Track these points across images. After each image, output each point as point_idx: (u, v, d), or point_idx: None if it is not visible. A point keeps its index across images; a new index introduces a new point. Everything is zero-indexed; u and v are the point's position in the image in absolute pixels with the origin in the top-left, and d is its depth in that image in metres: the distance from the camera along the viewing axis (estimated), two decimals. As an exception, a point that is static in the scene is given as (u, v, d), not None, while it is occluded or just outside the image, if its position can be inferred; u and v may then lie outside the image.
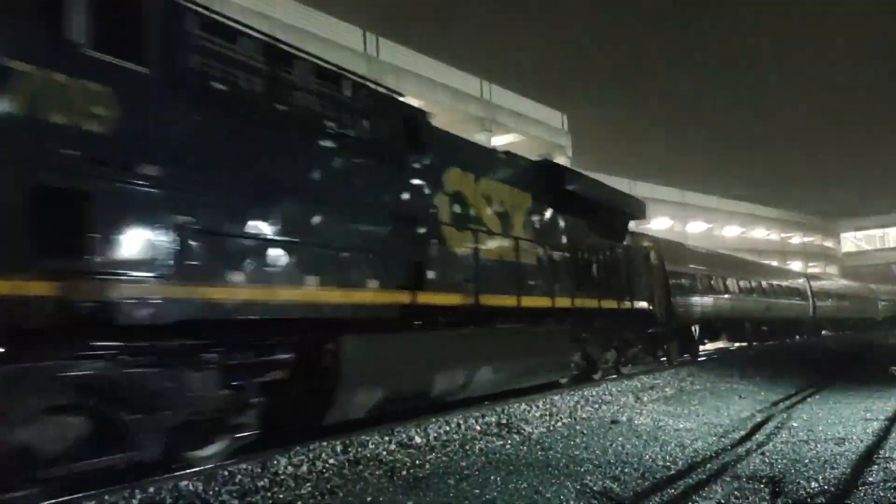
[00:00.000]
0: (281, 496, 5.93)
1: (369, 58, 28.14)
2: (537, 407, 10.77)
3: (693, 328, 22.39)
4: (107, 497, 5.71)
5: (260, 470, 6.64)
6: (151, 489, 5.89)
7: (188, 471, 6.75)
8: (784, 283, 33.89)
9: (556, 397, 11.83)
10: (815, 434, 8.44)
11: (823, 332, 40.97)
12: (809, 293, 37.14)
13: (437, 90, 31.79)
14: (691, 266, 22.88)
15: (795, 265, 64.90)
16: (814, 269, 70.08)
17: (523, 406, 10.76)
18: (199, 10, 6.90)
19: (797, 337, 35.84)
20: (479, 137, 34.38)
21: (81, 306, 5.44)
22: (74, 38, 5.76)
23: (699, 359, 22.23)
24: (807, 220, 76.12)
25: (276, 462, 6.89)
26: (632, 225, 19.05)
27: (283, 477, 6.50)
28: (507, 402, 11.45)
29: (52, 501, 5.80)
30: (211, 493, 5.93)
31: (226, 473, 6.44)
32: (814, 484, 6.03)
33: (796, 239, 73.49)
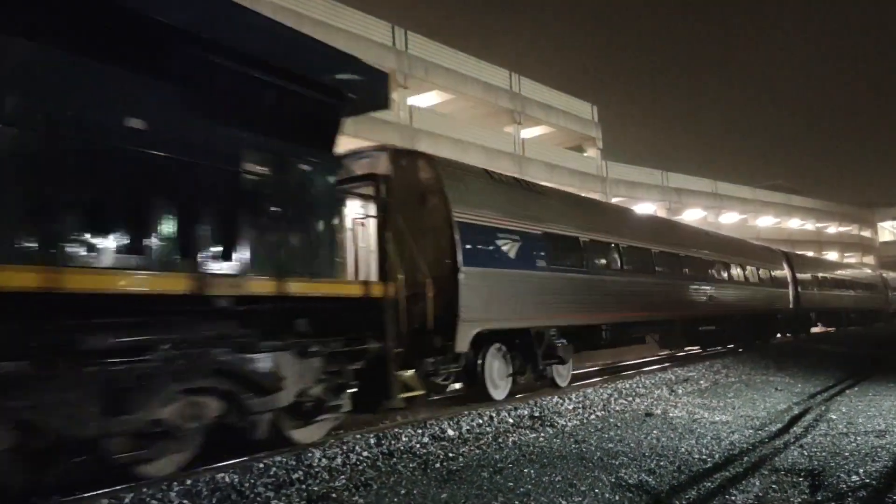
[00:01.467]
0: (315, 488, 5.97)
1: (398, 52, 28.14)
2: (570, 399, 10.72)
3: (542, 334, 12.47)
4: (145, 489, 5.80)
5: (294, 462, 6.69)
6: (189, 481, 5.97)
7: (224, 463, 6.83)
8: (747, 263, 23.89)
9: (588, 390, 11.76)
10: (855, 426, 8.29)
11: (814, 329, 32.43)
12: (790, 278, 28.19)
13: (466, 83, 31.72)
14: (531, 220, 12.46)
15: (831, 255, 63.75)
16: (850, 259, 68.80)
17: (556, 399, 10.71)
18: None
19: (777, 336, 27.18)
20: (508, 130, 34.34)
21: None
22: None
23: (566, 384, 13.31)
24: (843, 210, 74.69)
25: (310, 454, 6.94)
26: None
27: (317, 469, 6.54)
28: (539, 395, 11.42)
29: (91, 493, 5.91)
30: (247, 484, 5.99)
31: (261, 465, 6.50)
32: (854, 477, 5.92)
33: (832, 229, 72.16)
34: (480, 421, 8.95)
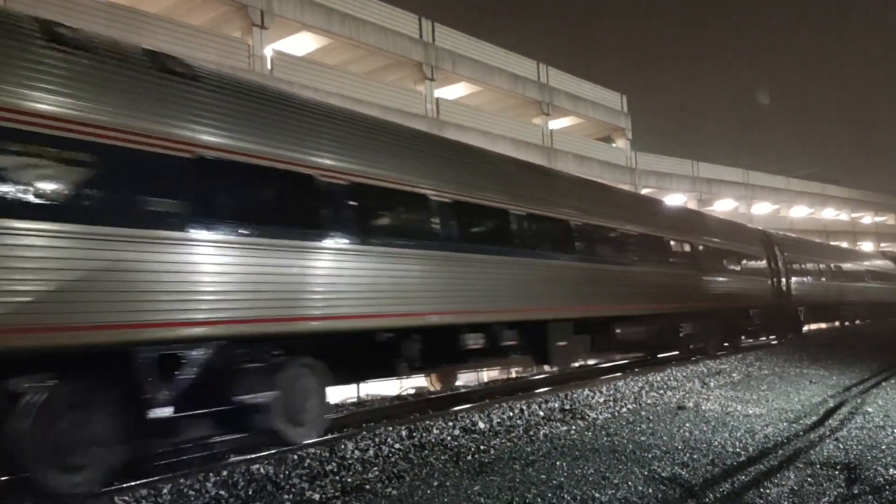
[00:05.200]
0: (349, 480, 6.03)
1: (426, 44, 28.11)
2: (601, 392, 10.69)
3: None
4: (182, 479, 5.91)
5: (328, 454, 6.76)
6: (225, 472, 6.07)
7: (259, 454, 6.93)
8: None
9: (619, 383, 11.73)
10: (892, 419, 8.17)
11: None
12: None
13: (494, 75, 31.60)
14: None
15: (866, 246, 62.59)
16: (887, 247, 67.51)
17: (587, 392, 10.70)
18: None
19: None
20: (536, 122, 34.23)
21: None
22: None
23: None
24: (879, 199, 73.24)
25: (343, 446, 7.01)
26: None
27: (350, 461, 6.61)
28: (570, 387, 11.40)
29: (130, 483, 6.03)
30: (282, 476, 6.07)
31: (295, 457, 6.59)
32: (892, 470, 5.85)
33: (868, 219, 70.84)
34: (511, 414, 8.97)
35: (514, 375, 17.29)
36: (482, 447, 7.17)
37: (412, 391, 14.33)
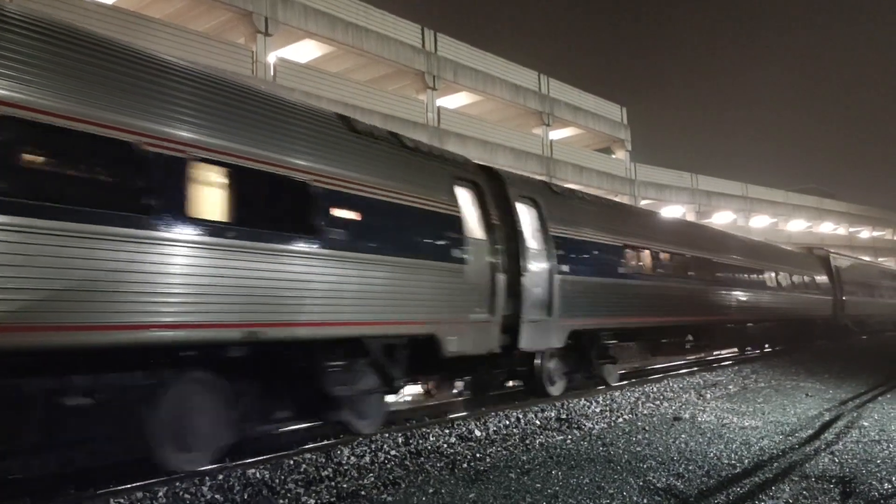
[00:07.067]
0: (345, 485, 6.03)
1: (428, 54, 28.23)
2: (597, 402, 10.70)
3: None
4: (178, 483, 5.92)
5: (324, 459, 6.78)
6: (220, 476, 6.08)
7: (255, 459, 6.94)
8: None
9: (616, 393, 11.74)
10: (888, 434, 8.19)
11: None
12: None
13: (495, 85, 31.72)
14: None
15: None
16: (885, 261, 67.54)
17: (583, 401, 10.71)
18: None
19: None
20: (537, 132, 34.33)
21: None
22: None
23: None
24: (877, 214, 73.40)
25: (339, 452, 7.02)
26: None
27: (346, 467, 6.62)
28: (566, 397, 11.42)
29: (125, 486, 6.03)
30: (277, 481, 6.08)
31: (291, 462, 6.60)
32: (886, 485, 5.86)
33: (865, 233, 70.92)
34: (507, 422, 8.98)
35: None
36: (478, 455, 7.18)
37: (409, 398, 14.30)
